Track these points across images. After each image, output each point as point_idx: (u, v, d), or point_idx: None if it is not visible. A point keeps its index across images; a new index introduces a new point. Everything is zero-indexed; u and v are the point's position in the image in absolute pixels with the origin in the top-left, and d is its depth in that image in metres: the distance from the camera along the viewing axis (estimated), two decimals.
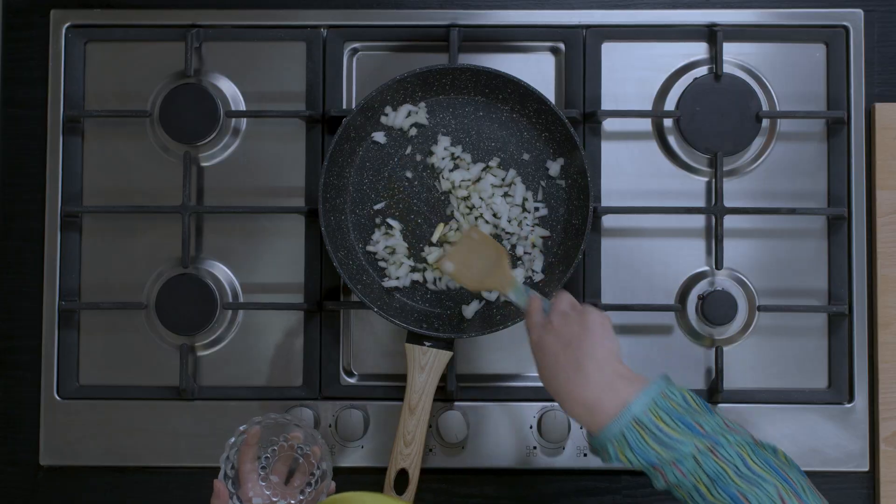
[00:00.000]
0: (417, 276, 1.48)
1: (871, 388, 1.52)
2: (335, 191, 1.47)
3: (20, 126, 1.56)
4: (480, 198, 1.47)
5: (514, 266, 1.48)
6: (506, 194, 1.48)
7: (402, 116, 1.48)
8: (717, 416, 1.17)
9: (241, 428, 1.37)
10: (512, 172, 1.48)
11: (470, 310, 1.48)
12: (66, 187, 1.54)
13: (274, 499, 1.37)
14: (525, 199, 1.48)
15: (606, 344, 1.22)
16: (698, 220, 1.54)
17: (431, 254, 1.48)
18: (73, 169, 1.54)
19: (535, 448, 1.51)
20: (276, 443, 1.40)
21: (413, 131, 1.49)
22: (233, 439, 1.37)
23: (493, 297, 1.48)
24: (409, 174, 1.49)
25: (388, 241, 1.48)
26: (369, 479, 1.49)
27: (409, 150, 1.49)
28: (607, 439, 1.17)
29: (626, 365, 1.22)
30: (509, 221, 1.47)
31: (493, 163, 1.48)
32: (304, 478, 1.39)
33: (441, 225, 1.48)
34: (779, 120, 1.54)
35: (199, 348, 1.54)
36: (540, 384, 1.52)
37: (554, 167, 1.49)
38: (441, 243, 1.48)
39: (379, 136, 1.49)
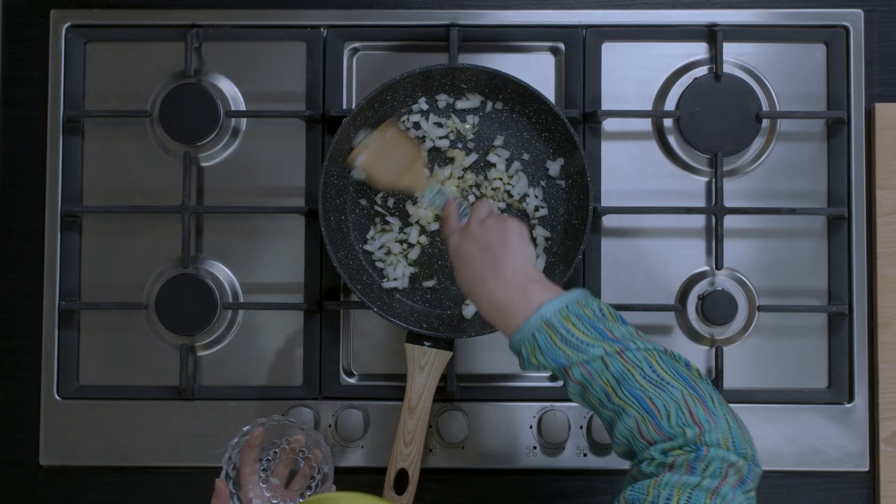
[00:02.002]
0: (414, 270, 1.48)
1: (871, 388, 1.52)
2: (335, 191, 1.47)
3: (20, 126, 1.56)
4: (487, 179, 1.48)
5: None
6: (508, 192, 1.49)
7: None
8: (630, 328, 1.18)
9: (245, 429, 1.37)
10: (516, 165, 1.48)
11: (470, 310, 1.48)
12: (66, 187, 1.54)
13: (273, 501, 1.37)
14: (525, 196, 1.48)
15: (524, 251, 1.24)
16: (698, 220, 1.54)
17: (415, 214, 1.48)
18: (73, 169, 1.54)
19: (535, 448, 1.51)
20: (277, 445, 1.40)
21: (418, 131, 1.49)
22: (236, 440, 1.36)
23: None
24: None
25: (383, 239, 1.48)
26: (369, 479, 1.49)
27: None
28: (520, 341, 1.18)
29: (541, 273, 1.25)
30: (521, 200, 1.48)
31: (496, 157, 1.49)
32: (304, 481, 1.39)
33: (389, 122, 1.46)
34: (779, 120, 1.54)
35: (199, 348, 1.54)
36: (540, 384, 1.53)
37: (554, 167, 1.49)
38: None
39: None
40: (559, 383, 1.52)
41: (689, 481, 1.04)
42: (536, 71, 1.55)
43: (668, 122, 1.54)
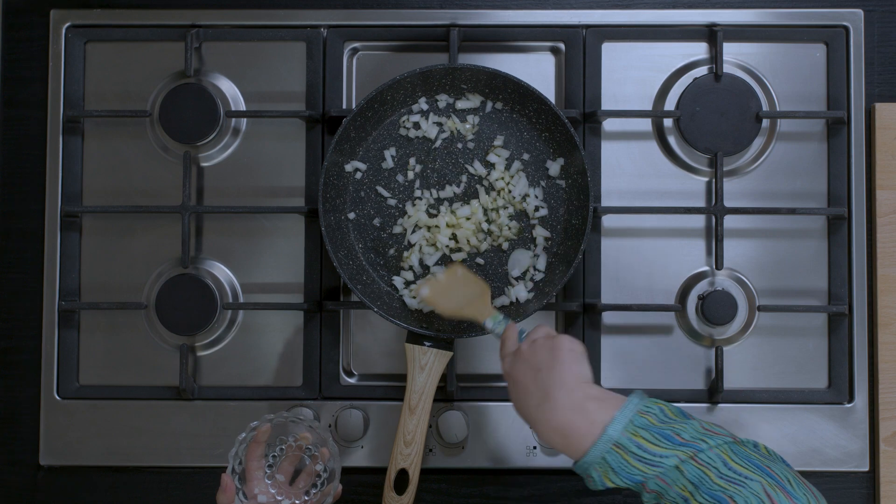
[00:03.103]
0: None
1: (871, 388, 1.52)
2: (335, 191, 1.47)
3: (20, 126, 1.56)
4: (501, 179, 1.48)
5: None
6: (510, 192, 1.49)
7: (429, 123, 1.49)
8: (694, 421, 1.17)
9: (253, 424, 1.37)
10: (517, 164, 1.48)
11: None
12: (66, 187, 1.54)
13: (279, 497, 1.37)
14: (526, 196, 1.48)
15: (575, 368, 1.21)
16: (698, 220, 1.54)
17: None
18: (73, 169, 1.54)
19: (535, 448, 1.51)
20: (284, 442, 1.40)
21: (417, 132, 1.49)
22: (243, 435, 1.36)
23: (499, 303, 1.48)
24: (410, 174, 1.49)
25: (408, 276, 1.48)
26: (369, 479, 1.49)
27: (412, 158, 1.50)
28: (590, 465, 1.16)
29: (598, 386, 1.21)
30: (521, 200, 1.48)
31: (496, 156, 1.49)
32: (309, 478, 1.39)
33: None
34: (779, 120, 1.54)
35: (199, 348, 1.54)
36: None
37: (554, 167, 1.49)
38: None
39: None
40: None
41: None
42: (536, 71, 1.55)
43: (668, 122, 1.54)
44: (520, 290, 1.46)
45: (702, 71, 1.55)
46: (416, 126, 1.50)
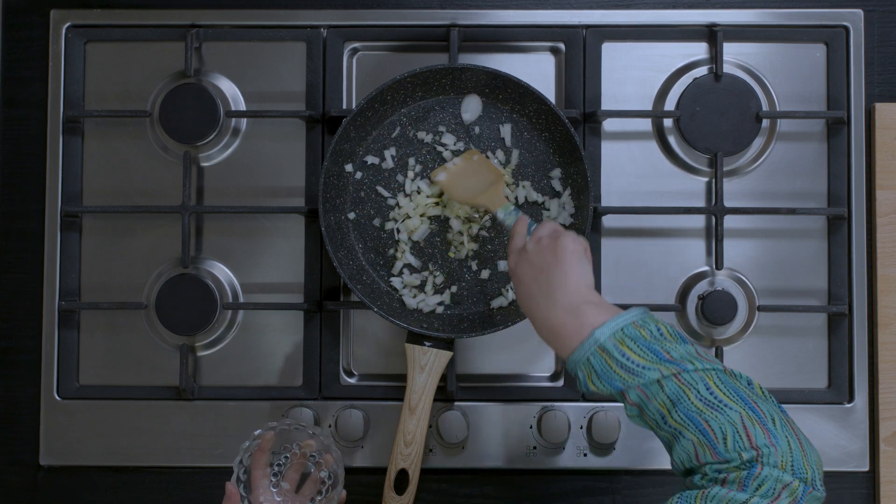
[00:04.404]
0: (444, 298, 1.48)
1: (871, 388, 1.52)
2: (335, 191, 1.47)
3: (20, 126, 1.56)
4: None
5: None
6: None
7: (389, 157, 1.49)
8: (689, 346, 1.16)
9: (256, 432, 1.37)
10: (516, 165, 1.49)
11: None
12: (66, 187, 1.54)
13: None
14: (527, 199, 1.48)
15: (576, 271, 1.22)
16: (698, 220, 1.54)
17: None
18: (73, 169, 1.54)
19: (535, 448, 1.51)
20: (289, 449, 1.39)
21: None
22: (247, 443, 1.36)
23: (496, 304, 1.48)
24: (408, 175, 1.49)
25: (408, 278, 1.48)
26: (369, 479, 1.49)
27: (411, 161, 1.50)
28: (576, 365, 1.16)
29: (597, 293, 1.22)
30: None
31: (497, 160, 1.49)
32: (314, 485, 1.39)
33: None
34: (779, 120, 1.54)
35: (199, 348, 1.54)
36: (539, 384, 1.53)
37: (554, 167, 1.49)
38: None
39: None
40: (559, 383, 1.52)
41: (736, 497, 1.02)
42: (536, 71, 1.55)
43: (668, 122, 1.54)
44: None
45: (702, 71, 1.55)
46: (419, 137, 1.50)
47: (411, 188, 1.48)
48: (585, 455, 1.50)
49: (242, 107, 1.56)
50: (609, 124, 1.54)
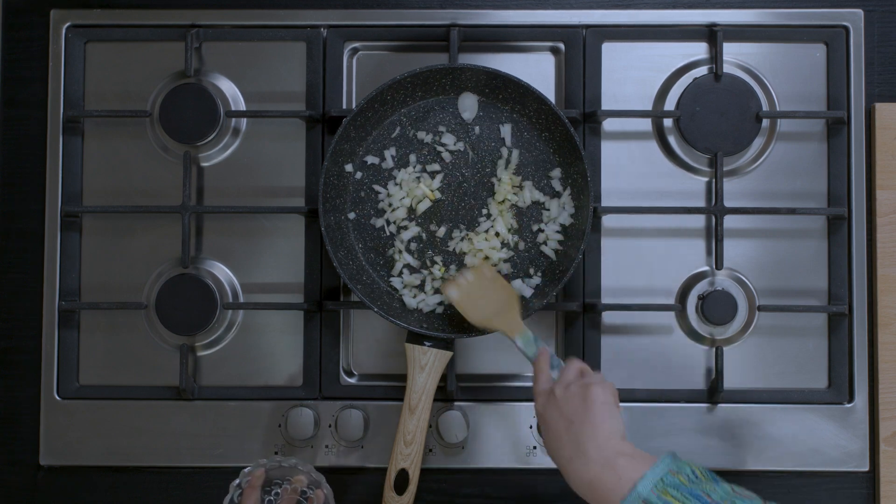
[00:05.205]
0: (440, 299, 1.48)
1: (871, 388, 1.52)
2: (335, 191, 1.47)
3: (20, 126, 1.56)
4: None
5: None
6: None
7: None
8: (725, 485, 1.17)
9: (246, 469, 1.37)
10: (516, 165, 1.49)
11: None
12: (66, 187, 1.54)
13: None
14: (534, 202, 1.48)
15: (607, 423, 1.22)
16: (698, 220, 1.54)
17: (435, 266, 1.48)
18: (73, 169, 1.54)
19: (535, 448, 1.51)
20: (279, 485, 1.40)
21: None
22: (237, 481, 1.37)
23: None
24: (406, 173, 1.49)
25: (408, 278, 1.47)
26: (369, 479, 1.49)
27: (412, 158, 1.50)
28: None
29: (629, 443, 1.22)
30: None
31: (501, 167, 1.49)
32: None
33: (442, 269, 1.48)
34: (779, 120, 1.54)
35: (199, 348, 1.54)
36: None
37: (554, 167, 1.49)
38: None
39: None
40: None
41: None
42: (536, 71, 1.55)
43: (668, 122, 1.54)
44: (522, 289, 1.46)
45: (702, 71, 1.55)
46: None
47: (401, 177, 1.48)
48: None
49: (242, 107, 1.56)
50: (609, 124, 1.54)
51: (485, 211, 1.48)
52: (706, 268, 1.54)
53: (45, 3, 1.56)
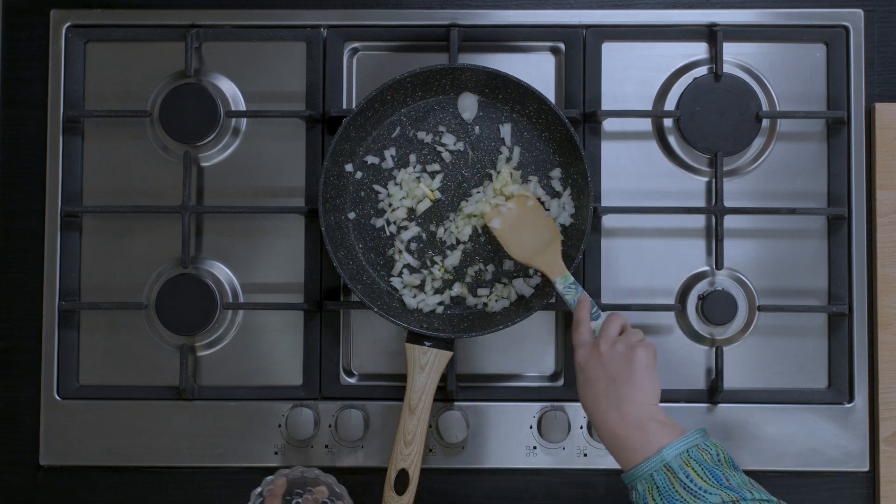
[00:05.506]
0: (443, 298, 1.48)
1: (871, 388, 1.52)
2: (335, 191, 1.47)
3: (20, 126, 1.56)
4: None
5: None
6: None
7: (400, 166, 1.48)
8: (744, 476, 1.20)
9: (268, 479, 1.37)
10: (516, 164, 1.49)
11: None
12: (66, 187, 1.54)
13: None
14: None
15: (647, 388, 1.26)
16: (698, 220, 1.54)
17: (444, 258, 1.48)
18: (73, 169, 1.54)
19: (535, 448, 1.51)
20: (300, 495, 1.40)
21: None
22: (259, 489, 1.37)
23: (497, 307, 1.48)
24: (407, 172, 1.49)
25: (408, 278, 1.47)
26: (369, 478, 1.49)
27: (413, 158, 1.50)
28: (637, 478, 1.20)
29: (663, 412, 1.26)
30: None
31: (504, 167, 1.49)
32: None
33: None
34: (779, 120, 1.54)
35: (199, 348, 1.54)
36: (539, 384, 1.53)
37: (554, 167, 1.49)
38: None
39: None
40: (559, 383, 1.52)
41: None
42: (536, 71, 1.55)
43: (668, 122, 1.54)
44: (523, 288, 1.46)
45: (702, 71, 1.55)
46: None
47: (402, 177, 1.48)
48: (585, 455, 1.50)
49: (242, 107, 1.56)
50: (609, 124, 1.54)
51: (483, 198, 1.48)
52: (706, 268, 1.54)
53: (45, 3, 1.56)
